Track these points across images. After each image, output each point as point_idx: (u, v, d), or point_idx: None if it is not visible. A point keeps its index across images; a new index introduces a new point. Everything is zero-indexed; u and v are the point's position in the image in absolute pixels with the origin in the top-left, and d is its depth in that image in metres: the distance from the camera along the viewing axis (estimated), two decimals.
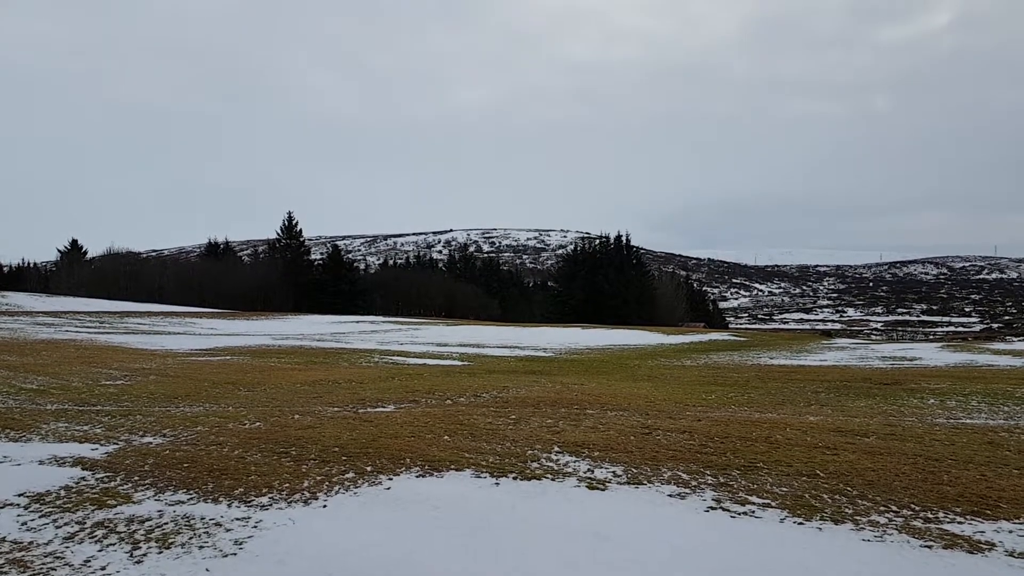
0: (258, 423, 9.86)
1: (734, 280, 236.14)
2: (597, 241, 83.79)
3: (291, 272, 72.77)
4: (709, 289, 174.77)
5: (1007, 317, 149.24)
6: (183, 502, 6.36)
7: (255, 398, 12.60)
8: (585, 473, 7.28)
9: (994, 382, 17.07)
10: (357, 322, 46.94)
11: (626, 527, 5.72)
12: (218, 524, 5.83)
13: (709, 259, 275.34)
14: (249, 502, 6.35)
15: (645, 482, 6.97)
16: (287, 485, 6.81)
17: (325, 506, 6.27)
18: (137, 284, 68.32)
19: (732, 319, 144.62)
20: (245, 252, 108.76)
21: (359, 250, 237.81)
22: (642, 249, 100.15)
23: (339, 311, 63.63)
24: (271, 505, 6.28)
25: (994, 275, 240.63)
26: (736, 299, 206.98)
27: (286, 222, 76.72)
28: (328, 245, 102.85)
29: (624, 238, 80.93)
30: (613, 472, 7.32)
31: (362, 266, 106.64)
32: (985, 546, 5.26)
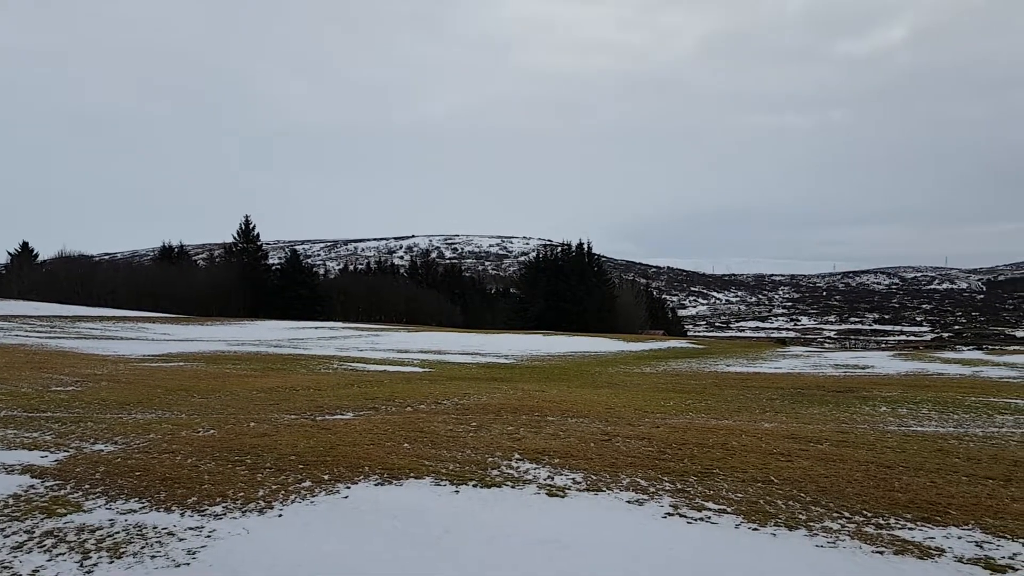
0: (212, 431, 9.69)
1: (693, 288, 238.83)
2: (559, 249, 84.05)
3: (248, 277, 71.66)
4: (668, 297, 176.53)
5: (957, 327, 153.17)
6: (135, 511, 6.23)
7: (209, 405, 12.39)
8: (545, 480, 7.29)
9: (944, 390, 17.51)
10: (316, 328, 46.42)
11: (585, 534, 5.74)
12: (171, 533, 5.72)
13: (669, 268, 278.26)
14: (203, 511, 6.24)
15: (604, 489, 7.01)
16: (242, 494, 6.70)
17: (281, 515, 6.19)
18: (89, 288, 66.73)
19: (691, 327, 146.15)
20: (200, 256, 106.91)
21: (319, 255, 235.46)
22: (603, 257, 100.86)
23: (297, 317, 62.85)
24: (225, 514, 6.17)
25: (944, 285, 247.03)
26: (694, 307, 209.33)
27: (243, 226, 75.57)
28: (287, 249, 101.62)
29: (586, 246, 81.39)
30: (573, 479, 7.35)
31: (322, 271, 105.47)
32: (935, 552, 5.38)
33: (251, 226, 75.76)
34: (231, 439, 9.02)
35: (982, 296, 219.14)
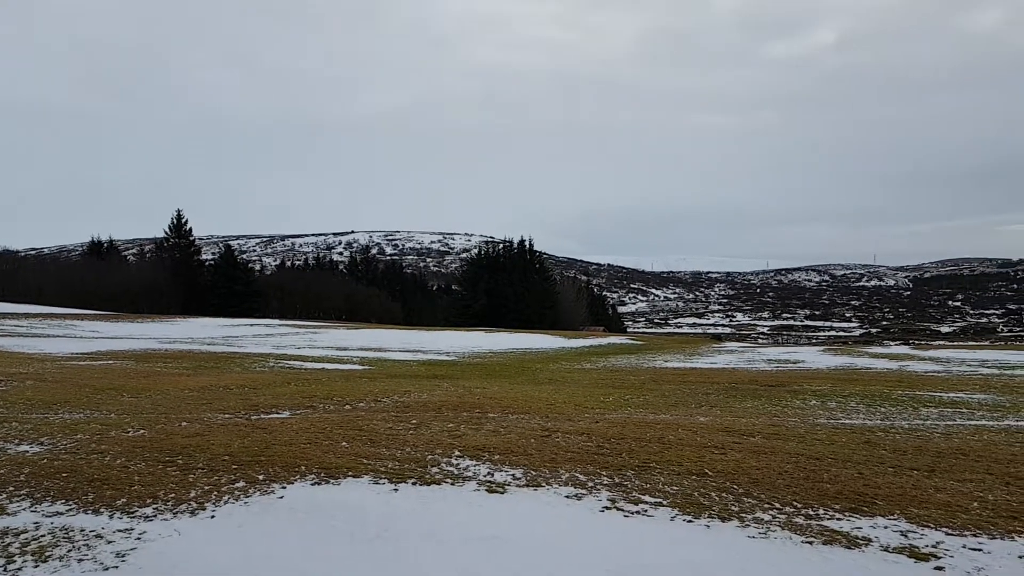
0: (142, 431, 9.43)
1: (632, 285, 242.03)
2: (501, 245, 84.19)
3: (180, 273, 69.84)
4: (609, 294, 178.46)
5: (884, 322, 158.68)
6: (61, 513, 6.04)
7: (140, 405, 12.04)
8: (485, 477, 7.30)
9: (872, 384, 18.12)
10: (251, 325, 45.52)
11: (524, 530, 5.77)
12: (99, 536, 5.56)
13: (609, 265, 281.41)
14: (132, 513, 6.08)
15: (544, 484, 7.05)
16: (173, 495, 6.54)
17: (213, 516, 6.06)
18: (14, 284, 64.12)
19: (630, 323, 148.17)
20: (131, 252, 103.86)
21: (254, 250, 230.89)
22: (545, 254, 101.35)
23: (232, 314, 61.50)
24: (156, 516, 6.02)
25: (873, 282, 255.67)
26: (634, 304, 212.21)
27: (175, 220, 73.60)
28: (221, 245, 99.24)
29: (527, 243, 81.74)
30: (512, 475, 7.37)
31: (257, 267, 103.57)
32: (862, 541, 5.56)
33: (183, 220, 73.90)
34: (162, 439, 8.79)
35: (909, 293, 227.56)
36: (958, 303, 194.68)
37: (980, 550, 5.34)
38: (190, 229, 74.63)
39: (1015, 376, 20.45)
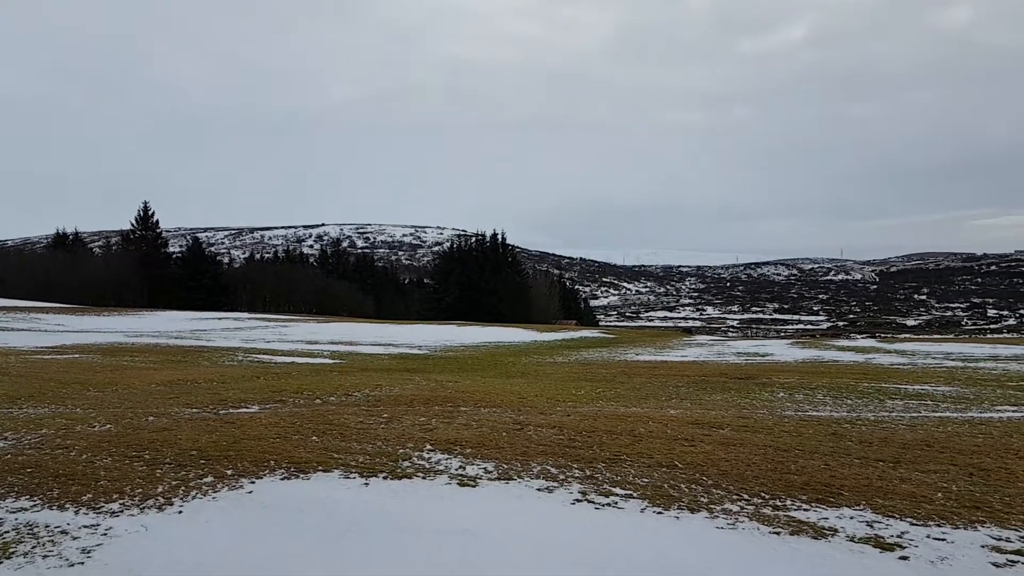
0: (109, 425, 9.29)
1: (604, 279, 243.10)
2: (474, 239, 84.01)
3: (147, 265, 68.79)
4: (581, 288, 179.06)
5: (851, 316, 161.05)
6: (26, 509, 5.93)
7: (106, 399, 11.87)
8: (457, 470, 7.29)
9: (838, 377, 18.39)
10: (220, 319, 45.02)
11: (495, 523, 5.77)
12: (64, 532, 5.47)
13: (581, 258, 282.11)
14: (98, 509, 5.99)
15: (515, 477, 7.06)
16: (140, 491, 6.45)
17: (181, 512, 5.99)
18: None
19: (602, 317, 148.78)
20: (97, 244, 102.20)
21: (223, 243, 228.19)
22: (517, 248, 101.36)
23: (200, 307, 60.78)
24: (122, 512, 5.94)
25: (840, 276, 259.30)
26: (606, 297, 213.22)
27: (141, 212, 72.49)
28: (188, 237, 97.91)
29: (500, 236, 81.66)
30: (484, 468, 7.37)
31: (226, 260, 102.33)
32: (829, 532, 5.63)
33: (150, 212, 72.85)
34: (129, 434, 8.67)
35: (875, 287, 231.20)
36: (923, 297, 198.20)
37: (944, 540, 5.44)
38: (157, 221, 73.63)
39: (979, 369, 20.87)
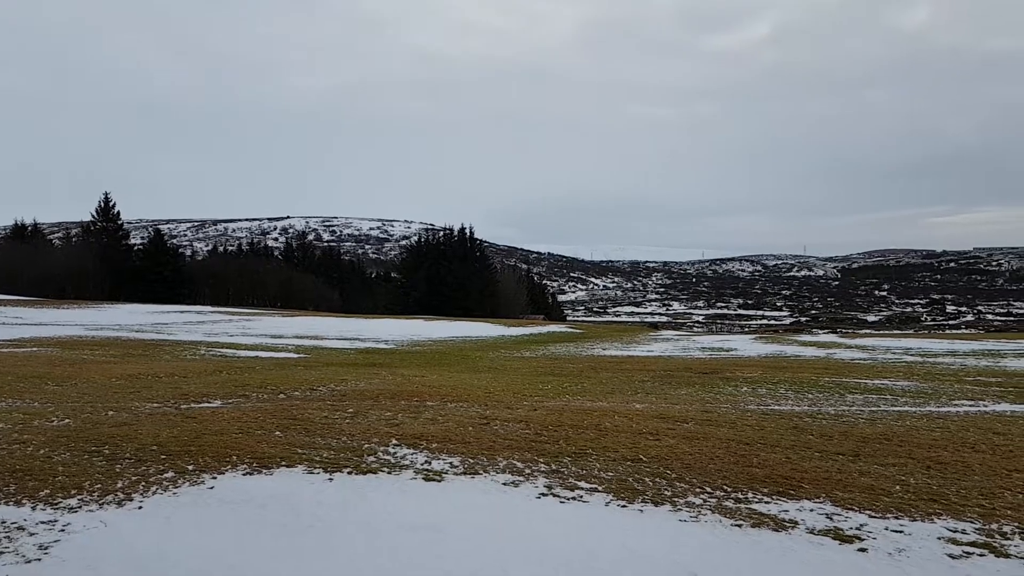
0: (67, 420, 9.11)
1: (572, 274, 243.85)
2: (441, 233, 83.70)
3: (108, 257, 67.43)
4: (549, 282, 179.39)
5: (813, 311, 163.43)
6: None
7: (65, 393, 11.62)
8: (422, 465, 7.26)
9: (800, 371, 18.64)
10: (182, 312, 44.35)
11: (461, 518, 5.76)
12: (21, 528, 5.37)
13: (549, 253, 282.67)
14: (56, 504, 5.89)
15: (481, 472, 7.05)
16: (99, 486, 6.34)
17: (141, 507, 5.89)
18: None
19: (570, 312, 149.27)
20: (57, 235, 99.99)
21: (185, 235, 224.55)
22: (485, 242, 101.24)
23: (162, 300, 59.78)
24: (81, 507, 5.84)
25: (803, 273, 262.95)
26: (574, 292, 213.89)
27: (102, 203, 71.00)
28: (150, 229, 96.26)
29: (468, 231, 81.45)
30: (450, 463, 7.35)
31: (188, 252, 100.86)
32: (789, 524, 5.71)
33: (111, 204, 71.42)
34: (88, 429, 8.51)
35: (837, 283, 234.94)
36: (884, 293, 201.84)
37: (902, 532, 5.54)
38: (118, 213, 72.18)
39: (937, 364, 21.30)
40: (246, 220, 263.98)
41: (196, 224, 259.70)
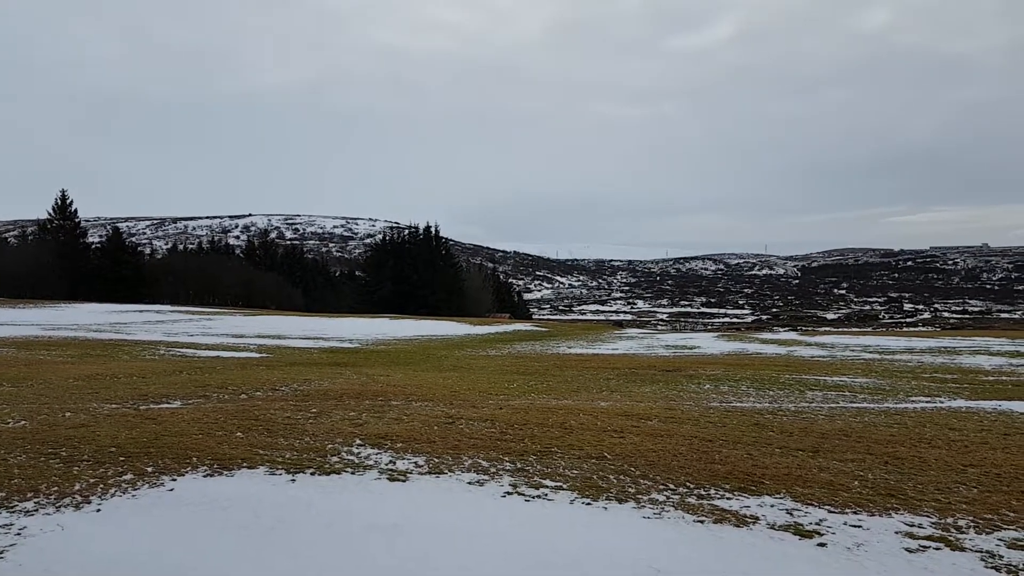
0: (23, 422, 8.90)
1: (538, 273, 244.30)
2: (407, 231, 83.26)
3: (65, 256, 66.01)
4: (515, 281, 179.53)
5: (775, 309, 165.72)
6: None
7: (20, 394, 11.35)
8: (387, 465, 7.22)
9: (762, 369, 18.91)
10: (141, 311, 43.58)
11: (425, 517, 5.74)
12: None
13: (515, 252, 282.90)
14: (12, 508, 5.75)
15: (446, 471, 7.04)
16: (56, 489, 6.21)
17: (99, 510, 5.78)
18: None
19: (536, 310, 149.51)
20: (12, 234, 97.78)
21: (144, 233, 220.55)
22: (451, 241, 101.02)
23: (121, 299, 58.67)
24: (37, 510, 5.71)
25: (764, 271, 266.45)
26: (540, 291, 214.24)
27: (59, 201, 69.48)
28: (108, 227, 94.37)
29: (433, 229, 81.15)
30: (415, 463, 7.33)
31: (148, 251, 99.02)
32: (750, 520, 5.79)
33: (68, 201, 69.89)
34: (44, 430, 8.33)
35: (797, 281, 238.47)
36: (843, 291, 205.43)
37: (860, 527, 5.65)
38: (75, 210, 70.72)
39: (895, 361, 21.75)
40: (207, 218, 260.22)
41: (155, 222, 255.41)
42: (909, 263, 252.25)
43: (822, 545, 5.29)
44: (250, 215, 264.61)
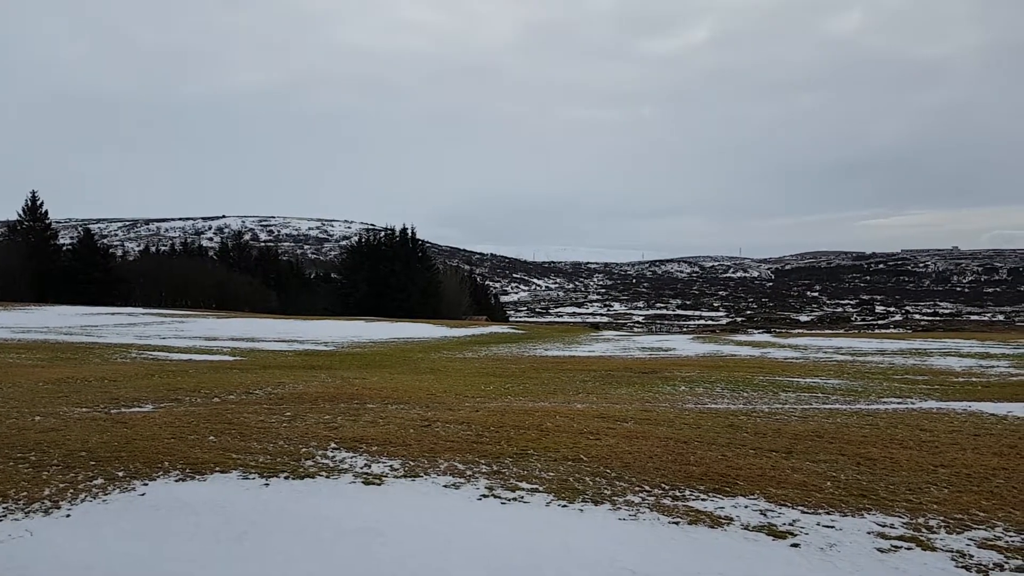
0: None
1: (515, 275, 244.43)
2: (383, 233, 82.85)
3: (35, 258, 64.96)
4: (492, 283, 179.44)
5: (749, 312, 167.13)
6: None
7: None
8: (362, 468, 7.18)
9: (736, 370, 19.05)
10: (113, 314, 43.01)
11: (401, 521, 5.71)
12: None
13: (492, 254, 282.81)
14: None
15: (422, 474, 7.01)
16: (25, 494, 6.10)
17: (69, 515, 5.69)
18: None
19: (513, 312, 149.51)
20: None
21: (116, 235, 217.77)
22: (428, 243, 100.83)
23: (92, 302, 57.81)
24: (5, 516, 5.61)
25: (739, 274, 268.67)
26: (516, 293, 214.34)
27: (29, 202, 68.37)
28: (79, 229, 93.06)
29: (410, 231, 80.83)
30: (391, 466, 7.29)
31: (120, 253, 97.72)
32: (724, 521, 5.82)
33: (38, 203, 68.81)
34: (13, 435, 8.18)
35: (771, 284, 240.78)
36: (816, 293, 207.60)
37: (833, 527, 5.70)
38: (46, 212, 69.66)
39: (867, 363, 22.02)
40: (179, 219, 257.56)
41: (127, 223, 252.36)
42: (881, 266, 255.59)
43: (795, 546, 5.33)
44: (224, 217, 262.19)
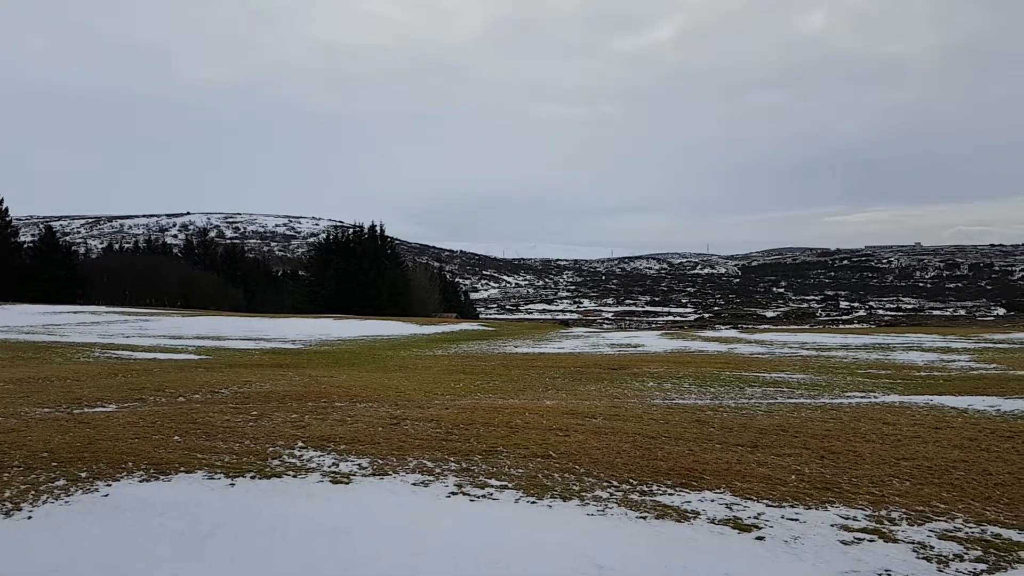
0: None
1: (484, 272, 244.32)
2: (352, 231, 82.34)
3: None
4: (461, 280, 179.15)
5: (716, 307, 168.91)
6: None
7: None
8: (330, 467, 7.13)
9: (703, 366, 19.24)
10: (75, 312, 42.24)
11: (368, 519, 5.69)
12: None
13: (462, 251, 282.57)
14: None
15: (391, 473, 6.98)
16: None
17: (30, 517, 5.59)
18: None
19: (482, 309, 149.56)
20: None
21: (79, 232, 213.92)
22: (397, 240, 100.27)
23: (54, 300, 56.80)
24: None
25: (706, 270, 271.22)
26: (486, 290, 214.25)
27: None
28: (41, 226, 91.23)
29: (379, 228, 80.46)
30: (359, 465, 7.25)
31: (83, 250, 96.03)
32: (691, 515, 5.88)
33: None
34: None
35: (738, 280, 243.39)
36: (782, 289, 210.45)
37: (797, 520, 5.79)
38: (6, 209, 68.25)
39: (831, 358, 22.35)
40: (143, 216, 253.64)
41: (90, 221, 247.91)
42: (845, 262, 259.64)
43: (760, 539, 5.41)
44: (189, 214, 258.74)
